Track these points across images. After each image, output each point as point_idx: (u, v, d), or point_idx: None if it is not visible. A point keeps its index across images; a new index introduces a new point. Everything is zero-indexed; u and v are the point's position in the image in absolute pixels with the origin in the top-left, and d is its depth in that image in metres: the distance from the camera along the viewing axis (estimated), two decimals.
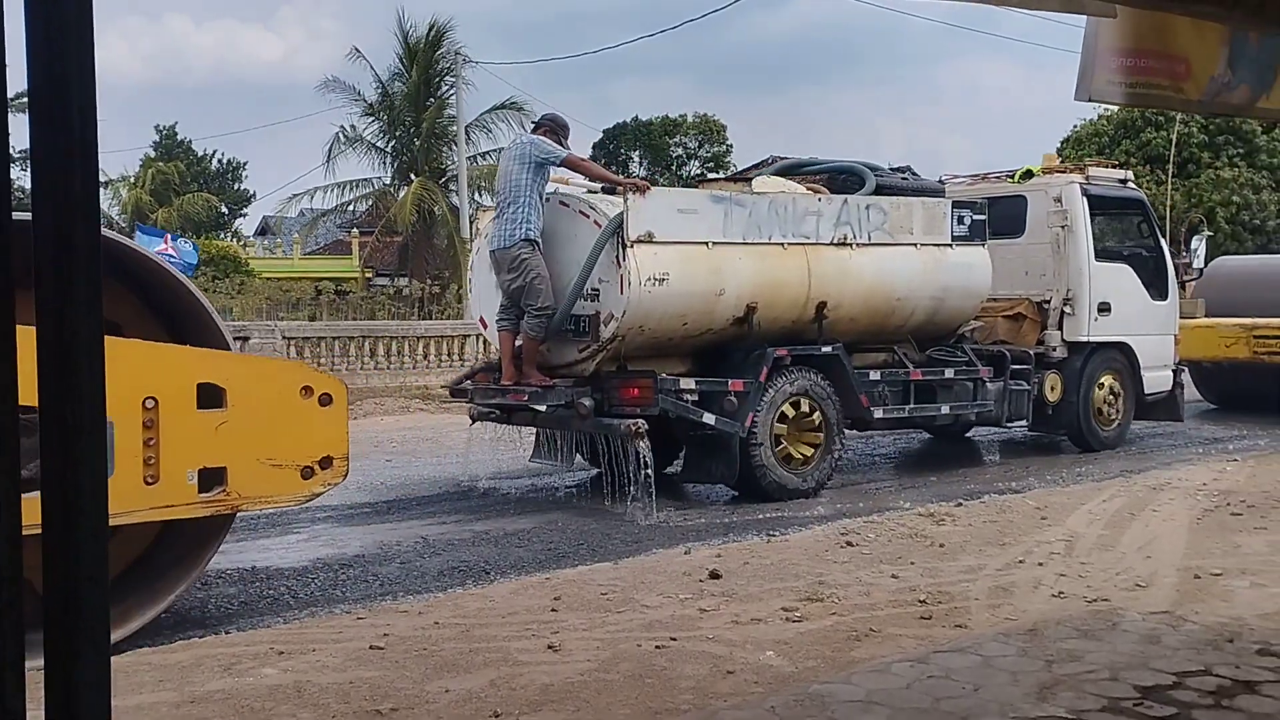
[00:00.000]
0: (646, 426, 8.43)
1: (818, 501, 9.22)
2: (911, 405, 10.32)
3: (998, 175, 12.43)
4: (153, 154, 53.27)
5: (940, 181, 11.78)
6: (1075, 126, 42.53)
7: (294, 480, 5.25)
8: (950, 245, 10.41)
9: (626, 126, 52.13)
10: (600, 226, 8.57)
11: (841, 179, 10.60)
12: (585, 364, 8.84)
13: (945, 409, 10.57)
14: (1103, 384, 12.04)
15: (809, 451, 9.45)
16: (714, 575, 6.21)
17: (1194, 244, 14.30)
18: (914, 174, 11.85)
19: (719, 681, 4.46)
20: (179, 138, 56.96)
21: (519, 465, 10.52)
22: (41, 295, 1.45)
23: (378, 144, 37.47)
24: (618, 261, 8.43)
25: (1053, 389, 11.55)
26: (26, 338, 1.31)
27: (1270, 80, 5.05)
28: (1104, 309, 11.78)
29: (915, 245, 10.17)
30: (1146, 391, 12.38)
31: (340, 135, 36.73)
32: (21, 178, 17.79)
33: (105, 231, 4.53)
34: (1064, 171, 12.05)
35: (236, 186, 58.74)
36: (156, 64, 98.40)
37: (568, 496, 9.71)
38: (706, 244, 8.82)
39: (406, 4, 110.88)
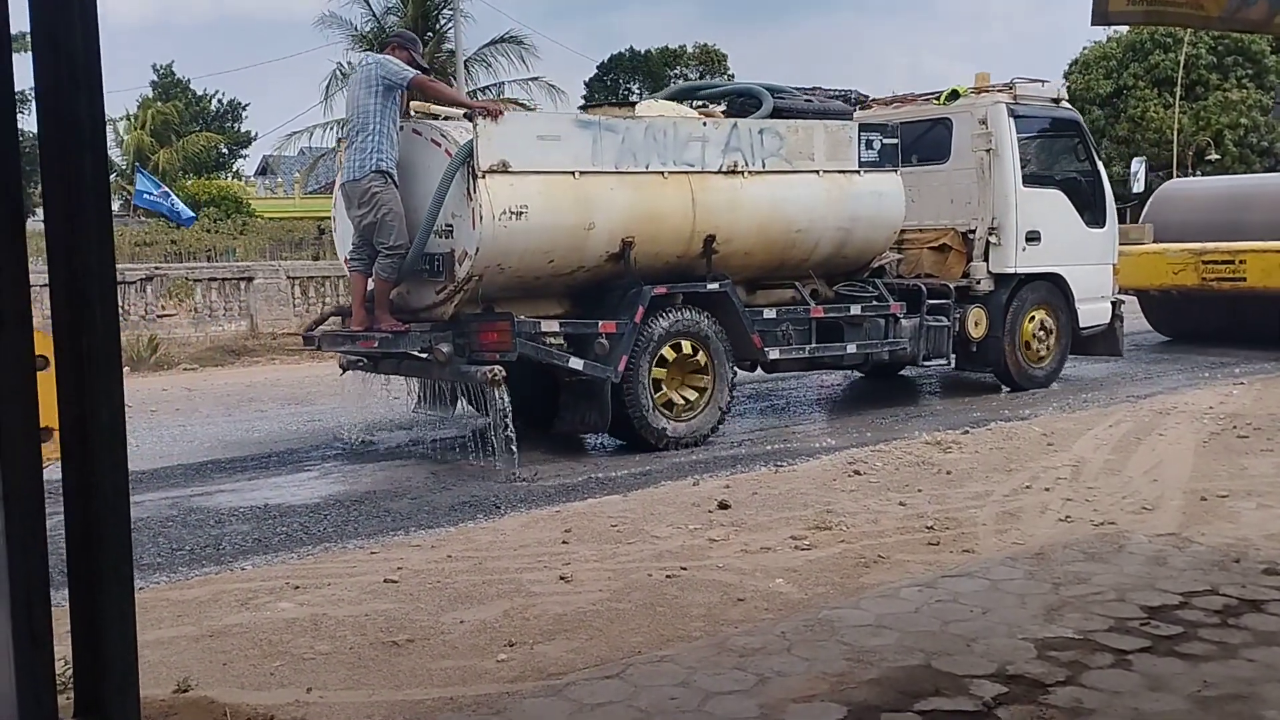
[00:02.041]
0: (504, 373, 7.85)
1: (825, 432, 9.26)
2: (813, 345, 9.64)
3: (925, 97, 11.49)
4: (150, 94, 52.84)
5: (859, 102, 11.00)
6: (1084, 49, 42.12)
7: None
8: (858, 172, 9.69)
9: (624, 57, 51.56)
10: (453, 156, 7.98)
11: (740, 102, 9.90)
12: (444, 307, 8.17)
13: (852, 348, 9.87)
14: (1032, 319, 11.17)
15: (693, 396, 8.86)
16: (723, 506, 6.27)
17: (1134, 167, 13.88)
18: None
19: (729, 609, 4.52)
20: (177, 77, 56.47)
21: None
22: (51, 231, 1.45)
23: None
24: (469, 194, 7.80)
25: (976, 324, 10.75)
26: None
27: None
28: (1033, 238, 10.92)
29: (817, 172, 9.46)
30: (1082, 325, 11.54)
31: (338, 72, 36.36)
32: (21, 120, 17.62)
33: None
34: (992, 91, 11.16)
35: (236, 127, 58.33)
36: (152, 1, 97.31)
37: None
38: (572, 173, 8.17)
39: None
